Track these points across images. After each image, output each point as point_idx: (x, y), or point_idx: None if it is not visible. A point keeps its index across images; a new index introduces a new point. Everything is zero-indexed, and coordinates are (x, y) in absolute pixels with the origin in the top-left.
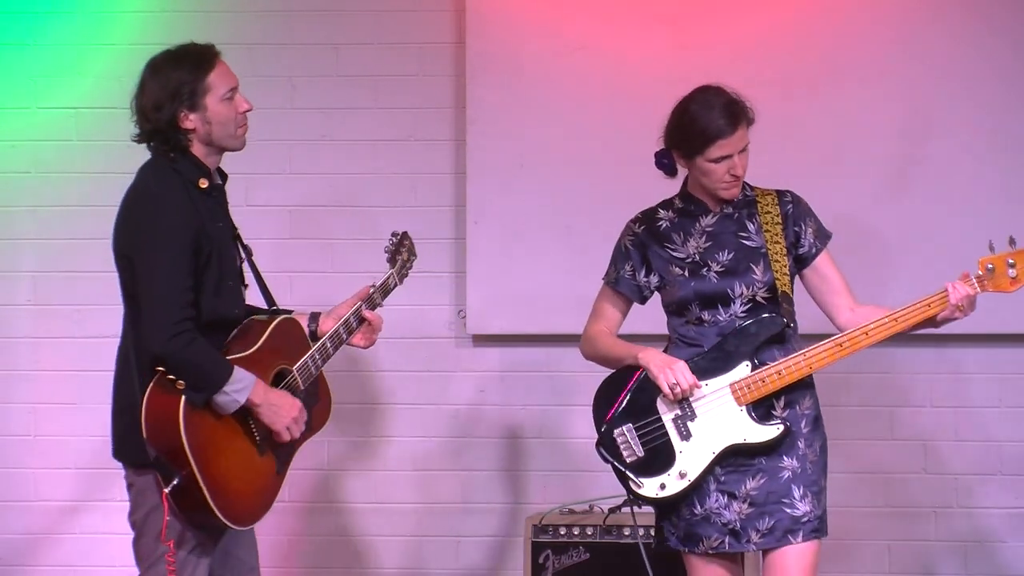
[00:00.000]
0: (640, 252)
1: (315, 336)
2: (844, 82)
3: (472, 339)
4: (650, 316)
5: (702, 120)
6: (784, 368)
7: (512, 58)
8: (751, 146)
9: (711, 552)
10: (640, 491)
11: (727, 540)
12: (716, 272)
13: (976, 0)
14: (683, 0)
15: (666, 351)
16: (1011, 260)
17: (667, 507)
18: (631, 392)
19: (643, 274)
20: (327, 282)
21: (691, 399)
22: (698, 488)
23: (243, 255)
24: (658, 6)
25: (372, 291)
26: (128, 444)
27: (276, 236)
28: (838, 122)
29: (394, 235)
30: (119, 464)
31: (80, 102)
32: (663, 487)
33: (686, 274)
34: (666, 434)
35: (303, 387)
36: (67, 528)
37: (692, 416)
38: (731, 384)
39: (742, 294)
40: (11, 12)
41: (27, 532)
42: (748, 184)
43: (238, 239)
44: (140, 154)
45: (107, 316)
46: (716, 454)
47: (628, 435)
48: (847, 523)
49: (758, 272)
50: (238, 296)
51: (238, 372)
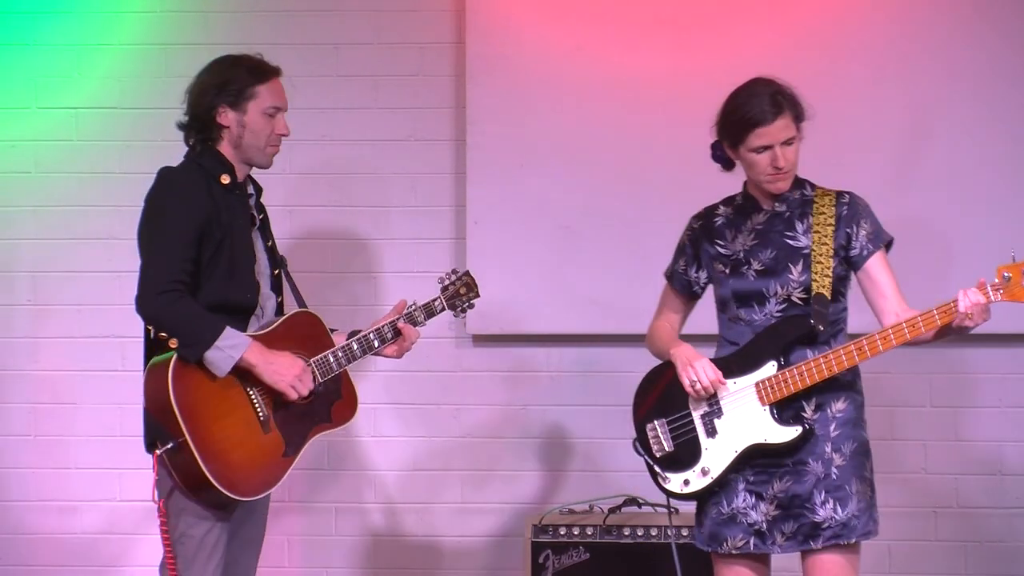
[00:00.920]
0: (694, 248)
1: None
2: (844, 82)
3: (472, 339)
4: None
5: (744, 107)
6: (806, 370)
7: (512, 58)
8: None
9: (735, 552)
10: (666, 486)
11: (752, 540)
12: (755, 271)
13: (977, 0)
14: (683, 1)
15: (716, 349)
16: None
17: (699, 505)
18: (666, 387)
19: (694, 270)
20: (327, 282)
21: (719, 396)
22: (727, 487)
23: (275, 264)
24: (658, 7)
25: (413, 308)
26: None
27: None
28: (838, 122)
29: (455, 272)
30: (119, 464)
31: (80, 102)
32: (687, 483)
33: (727, 271)
34: (694, 430)
35: (320, 380)
36: (68, 528)
37: (719, 413)
38: (757, 383)
39: (777, 293)
40: (11, 12)
41: (27, 532)
42: (810, 184)
43: (273, 250)
44: (140, 154)
45: (107, 316)
46: (738, 453)
47: (659, 430)
48: None
49: (795, 272)
50: (252, 283)
51: (231, 331)
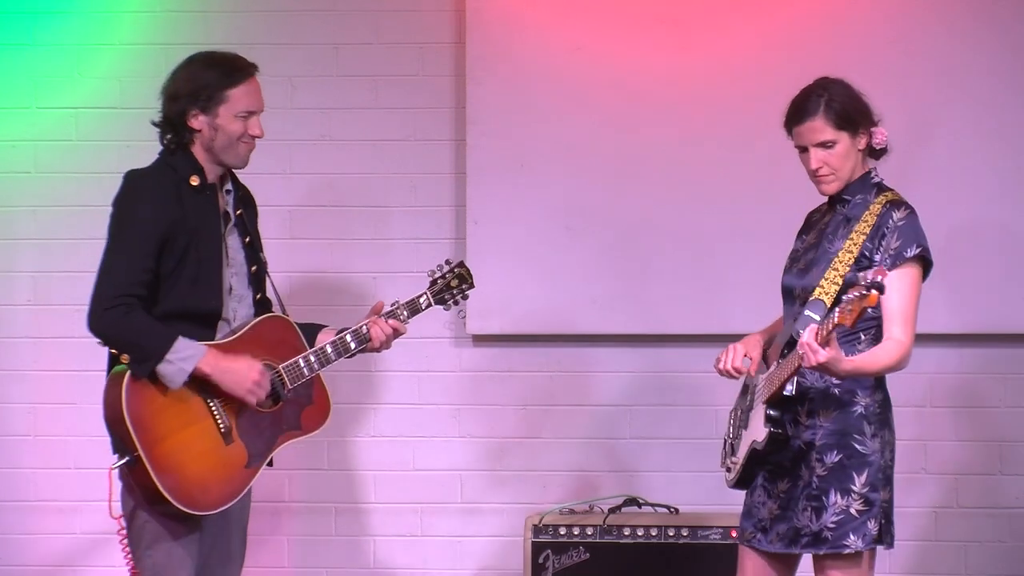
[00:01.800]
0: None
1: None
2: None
3: (472, 339)
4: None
5: (789, 105)
6: (773, 372)
7: (512, 58)
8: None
9: (747, 545)
10: (725, 472)
11: (758, 536)
12: (798, 269)
13: (977, 0)
14: (683, 1)
15: None
16: None
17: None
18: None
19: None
20: (327, 282)
21: (755, 388)
22: (752, 480)
23: (253, 261)
24: (658, 6)
25: (395, 306)
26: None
27: (276, 236)
28: None
29: (447, 263)
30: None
31: (80, 102)
32: (728, 471)
33: (787, 265)
34: (740, 420)
35: (290, 386)
36: (67, 528)
37: (751, 406)
38: (764, 379)
39: (799, 293)
40: (11, 12)
41: (27, 532)
42: (881, 188)
43: (253, 247)
44: (139, 154)
45: None
46: (749, 448)
47: (731, 417)
48: None
49: (814, 274)
50: (216, 289)
51: (183, 342)
